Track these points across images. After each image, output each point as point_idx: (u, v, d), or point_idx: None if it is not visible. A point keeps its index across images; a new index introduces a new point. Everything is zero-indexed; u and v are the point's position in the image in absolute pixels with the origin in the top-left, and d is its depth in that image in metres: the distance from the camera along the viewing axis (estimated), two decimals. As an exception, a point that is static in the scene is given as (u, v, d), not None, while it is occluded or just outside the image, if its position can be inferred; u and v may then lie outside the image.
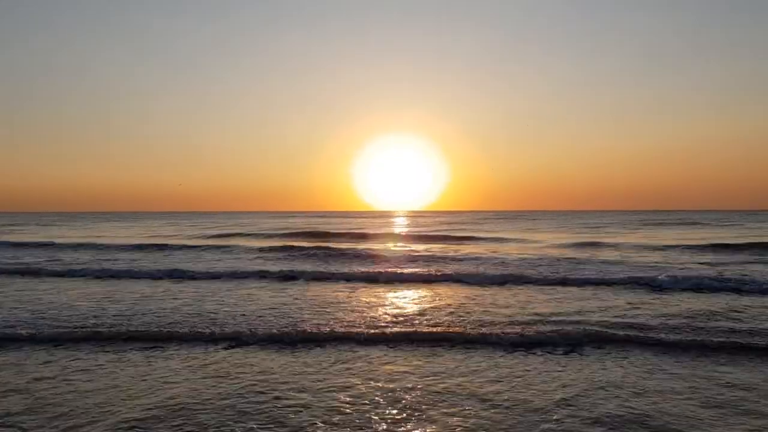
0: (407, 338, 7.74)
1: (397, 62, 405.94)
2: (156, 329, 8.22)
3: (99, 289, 12.66)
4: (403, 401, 5.26)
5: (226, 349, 7.30)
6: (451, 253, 21.33)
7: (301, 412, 4.97)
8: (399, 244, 28.88)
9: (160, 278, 14.83)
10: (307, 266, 17.30)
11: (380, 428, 4.61)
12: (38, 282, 14.08)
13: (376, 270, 15.79)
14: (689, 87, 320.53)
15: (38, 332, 8.04)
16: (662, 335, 7.75)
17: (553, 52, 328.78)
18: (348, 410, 5.02)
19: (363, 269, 16.17)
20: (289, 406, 5.11)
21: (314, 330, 8.13)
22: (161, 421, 4.76)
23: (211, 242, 28.72)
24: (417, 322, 8.83)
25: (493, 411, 5.00)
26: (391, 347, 7.34)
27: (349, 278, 14.58)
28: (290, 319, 8.95)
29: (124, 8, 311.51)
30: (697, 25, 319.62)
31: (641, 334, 7.78)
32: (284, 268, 16.18)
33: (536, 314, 9.38)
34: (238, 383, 5.82)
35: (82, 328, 8.34)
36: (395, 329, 8.26)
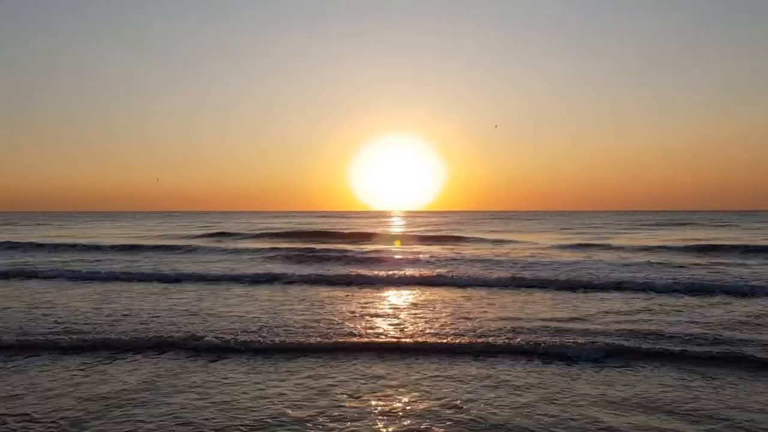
0: (396, 348, 7.41)
1: (397, 62, 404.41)
2: (135, 337, 7.90)
3: (69, 292, 12.32)
4: (390, 415, 4.95)
5: (201, 359, 6.98)
6: (446, 253, 21.01)
7: (274, 426, 4.67)
8: (385, 244, 28.55)
9: (144, 281, 14.47)
10: (292, 268, 16.96)
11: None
12: (5, 284, 13.74)
13: (354, 272, 15.44)
14: (689, 87, 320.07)
15: None
16: (681, 347, 7.46)
17: (553, 52, 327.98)
18: (323, 420, 4.71)
19: (343, 272, 15.82)
20: (264, 419, 4.81)
21: (292, 339, 7.82)
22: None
23: (196, 242, 28.38)
24: (408, 329, 8.53)
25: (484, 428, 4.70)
26: (378, 356, 7.03)
27: (330, 281, 14.23)
28: (272, 326, 8.64)
29: (124, 8, 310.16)
30: (697, 25, 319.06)
31: (652, 346, 7.48)
32: (270, 270, 15.86)
33: (540, 320, 9.09)
34: (208, 396, 5.51)
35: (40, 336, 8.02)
36: (379, 338, 7.95)
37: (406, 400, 5.36)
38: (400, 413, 5.00)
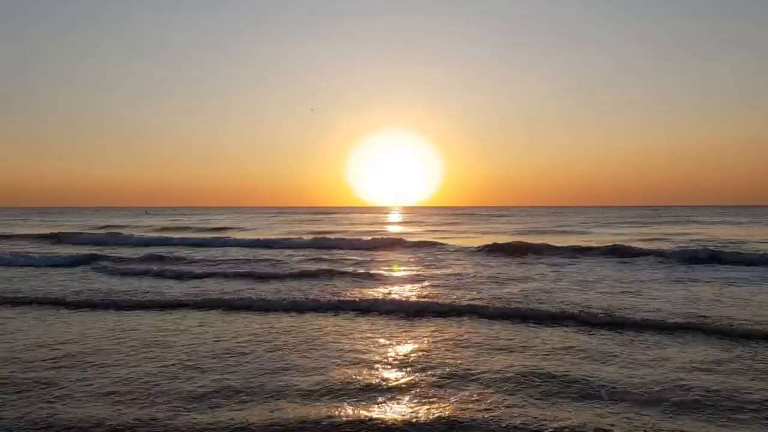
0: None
1: (397, 62, 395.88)
2: None
3: None
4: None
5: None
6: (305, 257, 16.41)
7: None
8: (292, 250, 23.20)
9: None
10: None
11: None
12: None
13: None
14: (689, 87, 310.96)
15: None
16: None
17: (553, 52, 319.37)
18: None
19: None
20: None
21: None
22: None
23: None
24: None
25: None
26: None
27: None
28: None
29: (119, 5, 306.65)
30: (697, 25, 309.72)
31: None
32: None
33: None
34: None
35: None
36: None
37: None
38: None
